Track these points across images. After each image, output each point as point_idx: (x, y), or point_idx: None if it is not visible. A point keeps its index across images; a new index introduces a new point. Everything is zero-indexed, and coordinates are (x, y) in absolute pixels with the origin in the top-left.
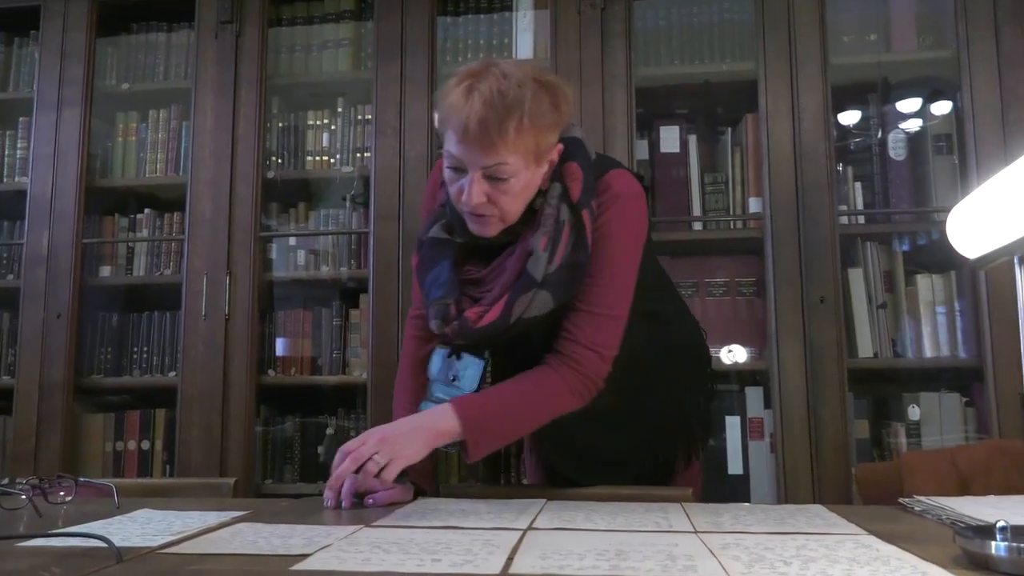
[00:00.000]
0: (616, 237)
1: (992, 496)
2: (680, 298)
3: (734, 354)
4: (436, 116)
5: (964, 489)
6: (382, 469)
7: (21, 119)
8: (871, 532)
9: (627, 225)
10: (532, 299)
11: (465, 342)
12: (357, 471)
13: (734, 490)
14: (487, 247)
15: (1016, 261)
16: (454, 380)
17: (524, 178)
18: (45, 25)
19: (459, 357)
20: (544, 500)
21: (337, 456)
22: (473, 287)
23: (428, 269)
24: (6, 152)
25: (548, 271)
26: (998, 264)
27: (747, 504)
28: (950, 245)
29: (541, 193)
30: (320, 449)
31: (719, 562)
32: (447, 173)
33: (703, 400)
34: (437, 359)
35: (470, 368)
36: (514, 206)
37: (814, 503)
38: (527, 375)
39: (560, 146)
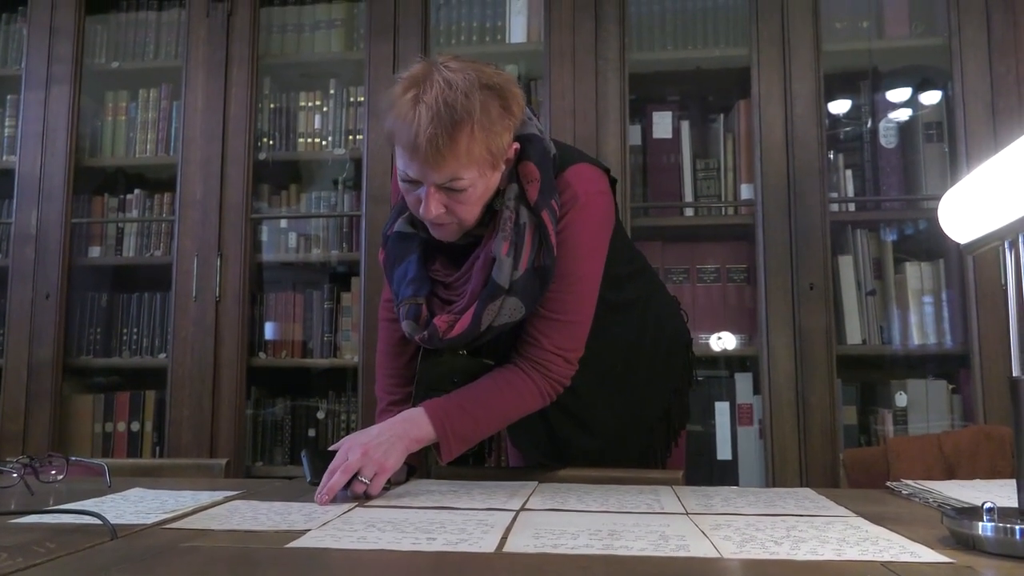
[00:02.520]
0: (577, 242)
1: (978, 480)
2: (655, 279)
3: (723, 340)
4: (385, 125)
5: (950, 474)
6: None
7: (9, 97)
8: (860, 514)
9: (588, 227)
10: (501, 306)
11: (433, 348)
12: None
13: (722, 475)
14: (451, 244)
15: (1007, 246)
16: (455, 383)
17: (481, 186)
18: (34, 2)
19: (449, 362)
20: (536, 482)
21: (326, 474)
22: (443, 288)
23: (395, 264)
24: None
25: (514, 277)
26: (988, 249)
27: (736, 487)
28: (940, 232)
29: (499, 193)
30: (302, 455)
31: (711, 542)
32: (402, 185)
33: (682, 384)
34: (430, 365)
35: (465, 367)
36: (471, 213)
37: (800, 486)
38: (496, 377)
39: (516, 145)
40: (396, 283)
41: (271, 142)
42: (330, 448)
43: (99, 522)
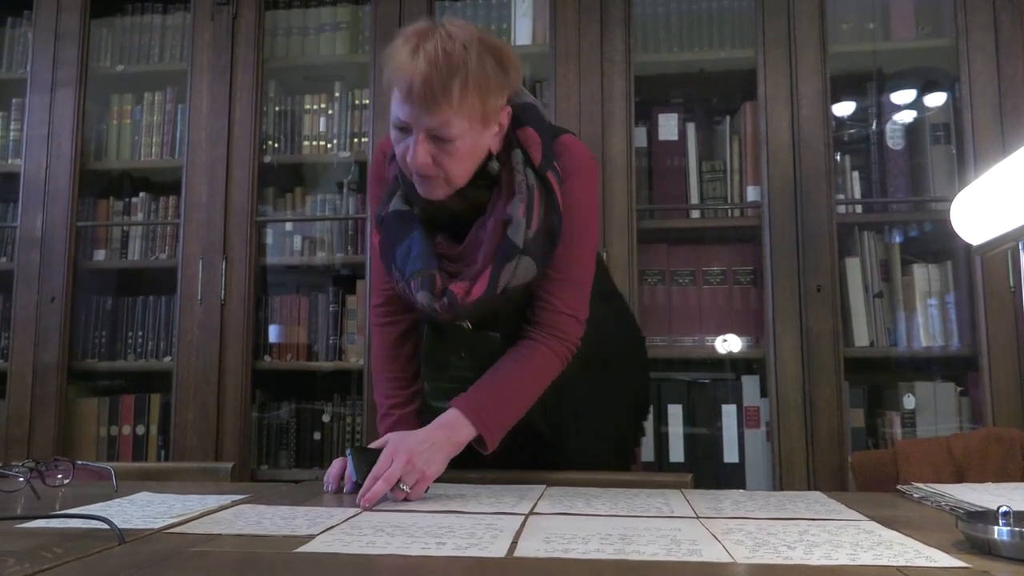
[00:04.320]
0: (580, 204)
1: (989, 484)
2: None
3: (729, 343)
4: (384, 78)
5: (959, 477)
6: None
7: (14, 100)
8: (872, 518)
9: (587, 189)
10: (516, 266)
11: (454, 318)
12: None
13: (729, 478)
14: (451, 220)
15: (1021, 247)
16: (462, 357)
17: (470, 140)
18: (39, 5)
19: (456, 337)
20: (544, 485)
21: (369, 479)
22: (448, 262)
23: (396, 243)
24: None
25: (528, 237)
26: (1001, 251)
27: (746, 491)
28: (947, 234)
29: (495, 158)
30: (347, 453)
31: (723, 547)
32: (393, 134)
33: (644, 380)
34: (435, 340)
35: (480, 347)
36: (459, 168)
37: (808, 489)
38: (517, 355)
39: (509, 109)
40: (400, 260)
41: (276, 145)
42: (372, 445)
43: (106, 527)
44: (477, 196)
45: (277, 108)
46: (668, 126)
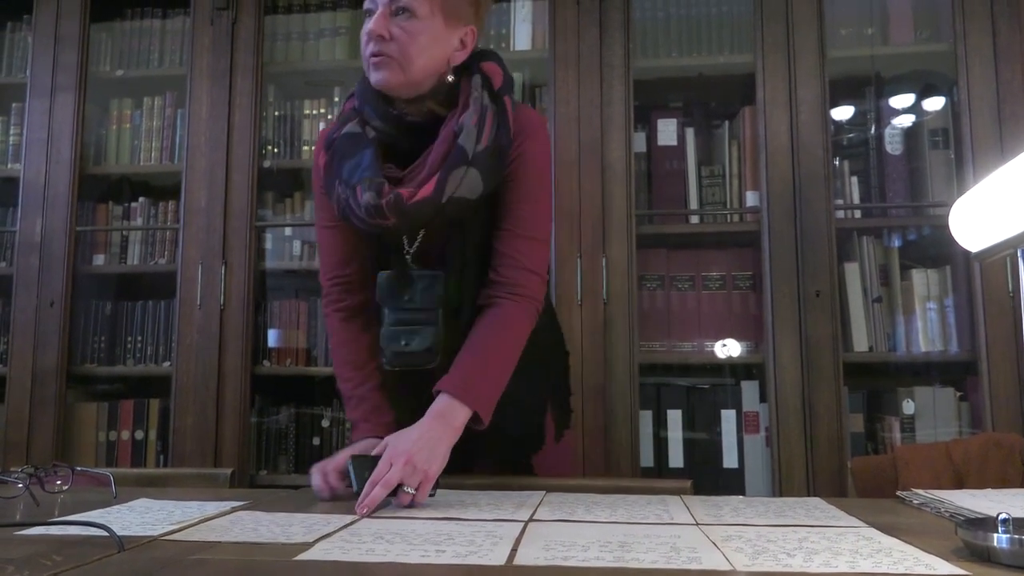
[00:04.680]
0: (540, 161)
1: (989, 490)
2: None
3: (729, 348)
4: None
5: (959, 482)
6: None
7: (14, 105)
8: (871, 524)
9: (546, 150)
10: (464, 176)
11: (398, 220)
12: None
13: (729, 483)
14: (405, 145)
15: (1020, 254)
16: (408, 300)
17: (429, 28)
18: (38, 10)
19: (408, 279)
20: (543, 492)
21: (368, 484)
22: (395, 183)
23: (344, 160)
24: None
25: (477, 149)
26: (1000, 257)
27: (745, 497)
28: (946, 239)
29: (456, 72)
30: (347, 463)
31: (723, 554)
32: (363, 33)
33: (562, 384)
34: (384, 282)
35: (420, 284)
36: (414, 50)
37: (809, 496)
38: (489, 322)
39: (474, 29)
40: (347, 174)
41: (275, 150)
42: (374, 453)
43: (106, 534)
44: (434, 108)
45: (276, 113)
46: (667, 131)
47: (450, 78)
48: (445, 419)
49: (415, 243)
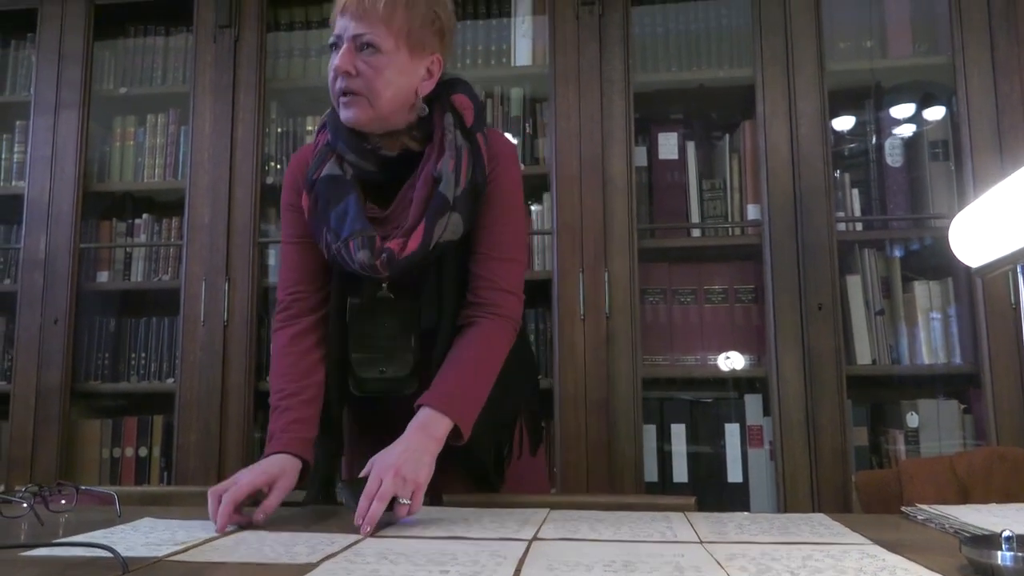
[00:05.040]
0: (513, 184)
1: (994, 505)
2: None
3: (732, 360)
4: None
5: (964, 496)
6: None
7: (18, 123)
8: (875, 541)
9: (517, 172)
10: (448, 222)
11: (391, 273)
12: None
13: (733, 498)
14: (380, 179)
15: (1020, 270)
16: (384, 326)
17: (395, 61)
18: (42, 27)
19: (384, 306)
20: (547, 510)
21: (362, 501)
22: (378, 226)
23: (330, 206)
24: (3, 156)
25: (456, 193)
26: (1001, 272)
27: (749, 513)
28: (948, 250)
29: (428, 101)
30: (337, 490)
31: (727, 573)
32: (330, 68)
33: (532, 401)
34: (357, 309)
35: (396, 311)
36: (381, 85)
37: (814, 510)
38: (469, 339)
39: (439, 57)
40: (335, 223)
41: (278, 166)
42: (361, 475)
43: (110, 555)
44: (408, 143)
45: (279, 129)
46: (668, 145)
47: (424, 111)
48: (426, 430)
49: None
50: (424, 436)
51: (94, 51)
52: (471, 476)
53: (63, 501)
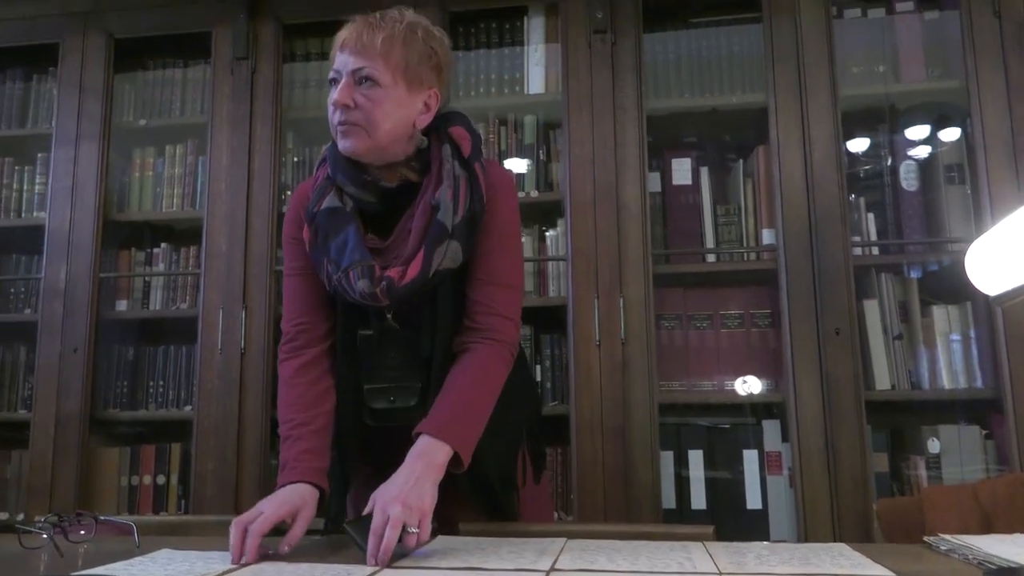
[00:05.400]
0: (510, 212)
1: (1018, 534)
2: None
3: (749, 384)
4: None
5: (987, 525)
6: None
7: (39, 155)
8: (898, 573)
9: (515, 201)
10: (446, 250)
11: (391, 302)
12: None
13: (752, 525)
14: (380, 210)
15: None
16: (392, 357)
17: (393, 95)
18: (64, 62)
19: (391, 337)
20: (564, 539)
21: (371, 538)
22: (377, 256)
23: (330, 238)
24: (24, 187)
25: (455, 221)
26: (1019, 301)
27: (769, 543)
28: (966, 275)
29: (426, 133)
30: (344, 529)
31: None
32: (329, 101)
33: (534, 427)
34: (365, 341)
35: (403, 341)
36: (379, 117)
37: (834, 538)
38: (466, 365)
39: (436, 91)
40: (335, 253)
41: None
42: (364, 513)
43: None
44: (406, 174)
45: (295, 159)
46: (682, 170)
47: (423, 142)
48: (426, 458)
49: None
50: (424, 464)
51: (114, 84)
52: (485, 506)
53: (82, 531)
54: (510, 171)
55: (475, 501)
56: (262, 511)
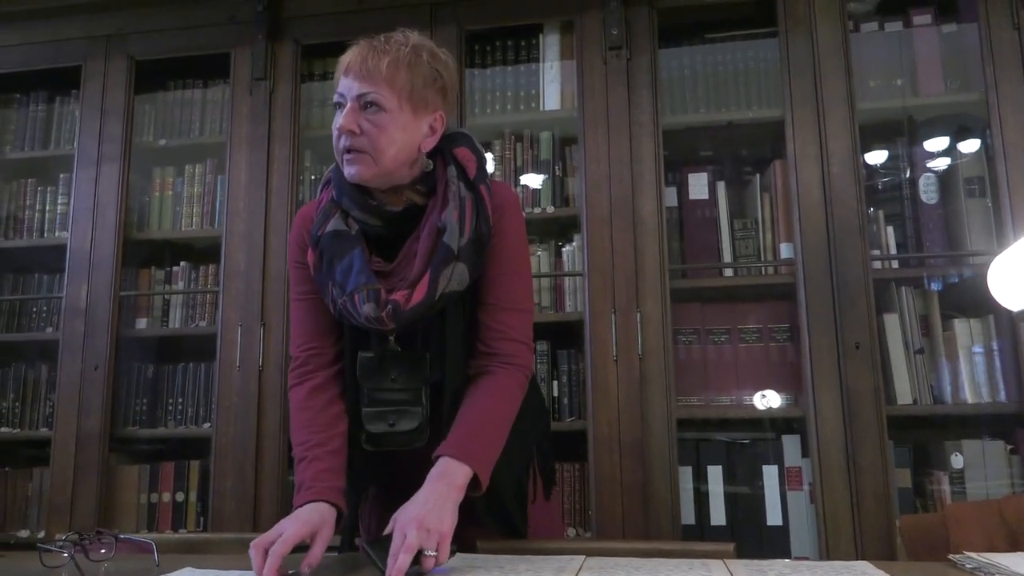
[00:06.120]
0: (518, 234)
1: None
2: None
3: (768, 399)
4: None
5: (1013, 542)
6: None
7: (62, 175)
8: None
9: (521, 225)
10: (452, 272)
11: (396, 325)
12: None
13: (773, 541)
14: (385, 233)
15: None
16: (392, 380)
17: (398, 119)
18: (86, 84)
19: (392, 359)
20: (583, 557)
21: (389, 559)
22: (382, 279)
23: (335, 261)
24: (47, 207)
25: (461, 243)
26: None
27: (790, 561)
28: (988, 288)
29: (431, 155)
30: (363, 548)
31: None
32: (334, 126)
33: (544, 443)
34: (366, 363)
35: (405, 364)
36: (385, 143)
37: (856, 555)
38: (482, 389)
39: (442, 114)
40: (340, 277)
41: None
42: (385, 532)
43: None
44: (412, 197)
45: (313, 177)
46: (698, 185)
47: (428, 165)
48: (446, 479)
49: None
50: (444, 485)
51: (135, 105)
52: (496, 523)
53: (102, 550)
54: (515, 191)
55: (487, 518)
56: (282, 531)
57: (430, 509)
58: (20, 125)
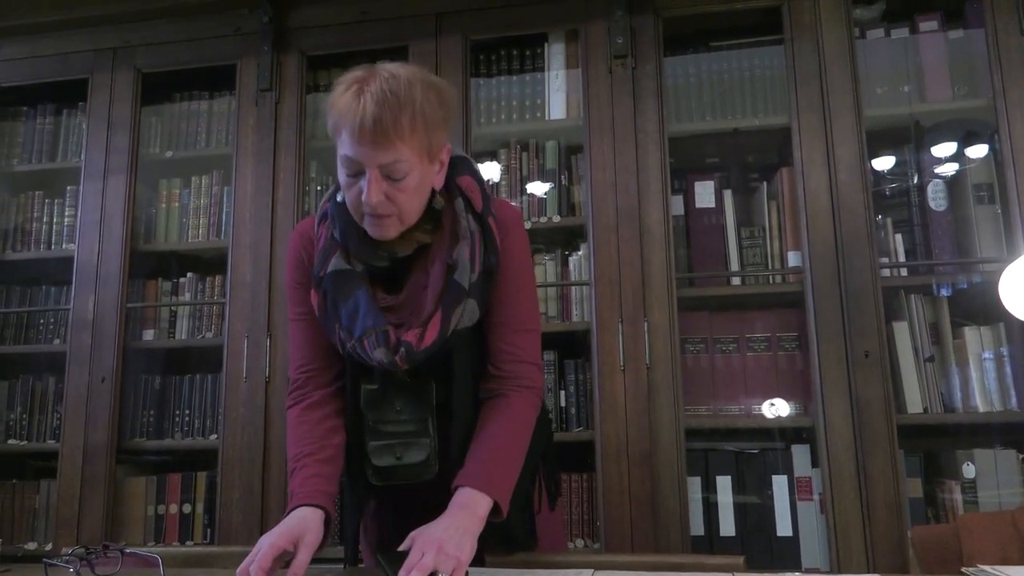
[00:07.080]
0: (523, 255)
1: None
2: None
3: (777, 407)
4: (329, 125)
5: None
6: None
7: (69, 188)
8: None
9: (526, 242)
10: (464, 309)
11: (410, 366)
12: None
13: (783, 553)
14: (387, 270)
15: None
16: (398, 411)
17: (419, 175)
18: (93, 96)
19: (399, 389)
20: (592, 571)
21: (402, 573)
22: (389, 314)
23: (340, 303)
24: (55, 220)
25: (471, 280)
26: None
27: (801, 572)
28: (998, 295)
29: (440, 196)
30: (377, 559)
31: None
32: (343, 179)
33: (548, 452)
34: (371, 394)
35: (411, 394)
36: (412, 204)
37: (867, 565)
38: (498, 414)
39: (449, 146)
40: (346, 320)
41: None
42: (400, 548)
43: None
44: (421, 239)
45: (319, 188)
46: (705, 193)
47: (439, 203)
48: (469, 509)
49: None
50: (467, 516)
51: (141, 117)
52: (502, 537)
53: (109, 565)
54: (517, 208)
55: (494, 531)
56: (261, 546)
57: (452, 534)
58: (27, 138)
